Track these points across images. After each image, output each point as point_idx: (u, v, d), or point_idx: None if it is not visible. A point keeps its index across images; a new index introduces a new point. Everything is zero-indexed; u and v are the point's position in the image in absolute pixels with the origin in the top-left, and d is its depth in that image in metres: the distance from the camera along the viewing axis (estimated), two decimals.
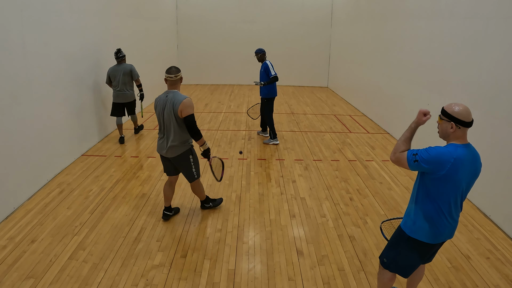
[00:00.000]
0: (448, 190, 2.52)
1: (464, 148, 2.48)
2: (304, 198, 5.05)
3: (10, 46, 4.51)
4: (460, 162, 2.45)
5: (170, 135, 3.97)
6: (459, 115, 2.45)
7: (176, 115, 3.89)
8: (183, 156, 4.09)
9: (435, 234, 2.63)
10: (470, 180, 2.56)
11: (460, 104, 2.50)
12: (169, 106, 3.90)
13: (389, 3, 8.26)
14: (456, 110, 2.47)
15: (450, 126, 2.48)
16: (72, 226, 4.24)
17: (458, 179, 2.48)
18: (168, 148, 4.00)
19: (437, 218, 2.59)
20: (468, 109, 2.49)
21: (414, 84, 6.89)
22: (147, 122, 8.75)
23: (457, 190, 2.53)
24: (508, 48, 4.37)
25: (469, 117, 2.46)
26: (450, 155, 2.44)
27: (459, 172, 2.46)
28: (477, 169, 2.56)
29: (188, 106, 3.87)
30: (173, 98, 3.90)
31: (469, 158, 2.49)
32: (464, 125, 2.46)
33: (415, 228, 2.66)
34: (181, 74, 4.04)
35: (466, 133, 2.50)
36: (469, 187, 2.60)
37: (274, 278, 3.48)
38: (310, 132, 8.20)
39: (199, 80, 14.66)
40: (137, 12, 9.57)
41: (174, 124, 3.93)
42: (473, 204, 4.95)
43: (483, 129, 4.81)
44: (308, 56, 14.45)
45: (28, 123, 4.84)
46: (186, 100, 3.88)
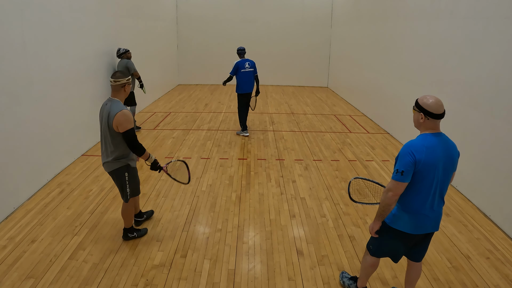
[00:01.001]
0: (426, 180, 2.61)
1: (434, 137, 2.59)
2: (304, 198, 5.05)
3: (10, 46, 4.51)
4: (432, 149, 2.56)
5: (107, 148, 3.60)
6: (429, 107, 2.57)
7: (111, 129, 3.45)
8: (117, 172, 3.67)
9: (415, 225, 2.71)
10: (446, 169, 2.63)
11: (433, 97, 2.60)
12: (105, 117, 3.48)
13: (389, 3, 8.26)
14: (426, 102, 2.59)
15: (421, 116, 2.61)
16: (72, 226, 4.24)
17: (432, 167, 2.57)
18: (104, 163, 3.67)
19: (416, 208, 2.68)
20: (440, 102, 2.59)
21: (414, 84, 6.89)
22: (147, 122, 8.75)
23: (433, 179, 2.61)
24: (508, 48, 4.37)
25: (439, 110, 2.56)
26: (421, 143, 2.57)
27: (432, 159, 2.56)
28: (452, 157, 2.63)
29: (124, 121, 3.41)
30: (110, 108, 3.45)
31: (441, 146, 2.59)
32: (433, 117, 2.57)
33: (394, 218, 2.77)
34: (124, 81, 3.52)
35: (437, 123, 2.60)
36: (447, 176, 2.67)
37: (274, 278, 3.48)
38: (310, 132, 8.20)
39: (199, 80, 14.66)
40: (137, 12, 9.57)
41: (110, 137, 3.51)
42: (473, 204, 4.95)
43: (483, 129, 4.81)
44: (308, 56, 14.45)
45: (28, 123, 4.84)
46: (120, 114, 3.39)
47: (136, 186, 3.86)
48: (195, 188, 5.28)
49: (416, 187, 2.63)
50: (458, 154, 2.68)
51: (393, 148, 7.14)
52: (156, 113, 9.66)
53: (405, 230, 2.74)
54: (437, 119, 2.58)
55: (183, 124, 8.65)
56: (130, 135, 3.45)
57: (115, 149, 3.56)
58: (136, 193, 3.89)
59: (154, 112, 9.76)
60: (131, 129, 3.45)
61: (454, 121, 5.50)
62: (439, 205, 2.72)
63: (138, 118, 8.94)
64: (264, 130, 8.25)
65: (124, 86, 3.54)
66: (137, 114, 9.33)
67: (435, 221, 2.74)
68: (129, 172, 3.73)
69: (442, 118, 2.59)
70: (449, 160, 2.62)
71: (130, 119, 3.46)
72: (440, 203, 2.72)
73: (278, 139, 7.64)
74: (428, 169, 2.57)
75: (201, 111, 9.98)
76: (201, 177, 5.64)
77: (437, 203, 2.70)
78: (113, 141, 3.52)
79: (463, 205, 4.93)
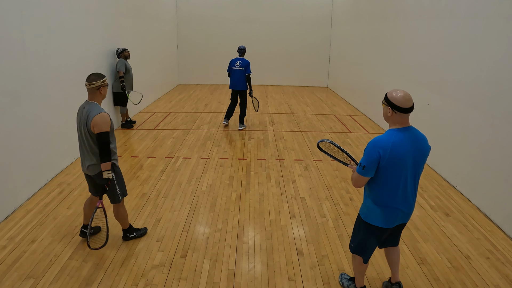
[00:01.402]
0: (393, 174, 2.65)
1: (402, 132, 2.62)
2: (304, 198, 5.05)
3: (10, 46, 4.51)
4: (398, 145, 2.59)
5: (88, 152, 3.54)
6: (396, 101, 2.58)
7: (90, 131, 3.42)
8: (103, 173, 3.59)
9: (387, 218, 2.77)
10: (416, 163, 2.67)
11: (401, 91, 2.62)
12: (83, 120, 3.44)
13: (389, 3, 8.26)
14: (394, 96, 2.61)
15: (389, 110, 2.64)
16: (72, 226, 4.24)
17: (400, 161, 2.61)
18: (88, 166, 3.58)
19: (386, 202, 2.73)
20: (408, 96, 2.60)
21: (414, 84, 6.88)
22: (146, 122, 8.75)
23: (403, 173, 2.65)
24: (508, 48, 4.37)
25: (407, 104, 2.57)
26: (387, 140, 2.60)
27: (399, 155, 2.59)
28: (422, 150, 2.67)
29: (101, 123, 3.36)
30: (88, 111, 3.41)
31: (409, 140, 2.62)
32: (401, 111, 2.58)
33: (368, 212, 2.84)
34: (99, 83, 3.45)
35: (405, 117, 2.62)
36: (418, 169, 2.71)
37: (274, 278, 3.48)
38: (310, 132, 8.20)
39: (199, 80, 14.66)
40: (137, 12, 9.57)
41: (89, 141, 3.47)
42: (473, 204, 4.95)
43: (483, 129, 4.81)
44: (308, 56, 14.45)
45: (28, 123, 4.84)
46: (98, 116, 3.37)
47: (124, 185, 3.81)
48: (195, 188, 5.28)
49: (385, 182, 2.69)
50: (428, 147, 2.72)
51: None
52: (156, 113, 9.66)
53: (378, 224, 2.81)
54: (404, 113, 2.59)
55: (183, 124, 8.65)
56: (104, 138, 3.39)
57: (97, 151, 3.51)
58: (125, 193, 3.83)
59: (154, 112, 9.76)
60: (106, 132, 3.40)
61: (454, 121, 5.51)
62: (411, 198, 2.77)
63: (138, 118, 8.95)
64: (264, 130, 8.25)
65: (99, 89, 3.47)
66: (137, 114, 9.34)
67: (407, 213, 2.82)
68: (115, 171, 3.69)
69: (411, 112, 2.61)
70: (419, 154, 2.66)
71: (107, 122, 3.42)
72: (412, 196, 2.77)
73: (278, 139, 7.64)
74: (395, 165, 2.61)
75: (201, 111, 9.98)
76: (201, 177, 5.64)
77: (409, 196, 2.75)
78: (94, 143, 3.48)
79: (463, 205, 4.93)
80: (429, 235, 4.21)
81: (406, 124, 2.64)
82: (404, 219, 2.85)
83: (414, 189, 2.77)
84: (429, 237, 4.16)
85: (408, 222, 4.44)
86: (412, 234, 4.23)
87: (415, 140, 2.64)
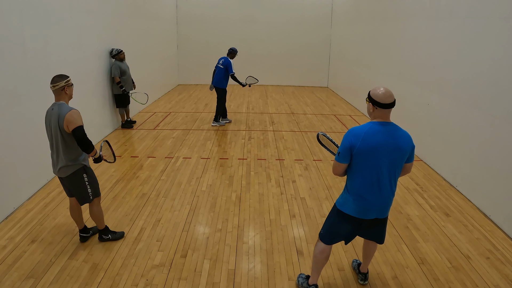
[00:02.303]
0: (366, 164, 2.75)
1: (379, 125, 2.73)
2: (304, 198, 5.05)
3: (10, 46, 4.51)
4: (371, 136, 2.70)
5: (59, 153, 3.54)
6: (377, 97, 2.72)
7: (62, 131, 3.43)
8: (75, 175, 3.62)
9: (359, 208, 2.85)
10: (392, 158, 2.73)
11: (383, 88, 2.75)
12: (54, 121, 3.43)
13: (389, 3, 8.26)
14: (375, 93, 2.74)
15: (370, 106, 2.78)
16: (72, 226, 4.24)
17: (372, 152, 2.70)
18: (59, 168, 3.59)
19: (359, 192, 2.82)
20: (388, 93, 2.72)
21: (414, 84, 6.89)
22: (146, 122, 8.75)
23: (375, 164, 2.73)
24: (508, 48, 4.37)
25: (386, 100, 2.70)
26: (362, 129, 2.74)
27: (371, 145, 2.69)
28: (398, 147, 2.73)
29: (74, 119, 3.39)
30: (58, 111, 3.42)
31: (386, 133, 2.71)
32: (381, 106, 2.71)
33: (342, 201, 2.95)
34: (63, 84, 3.44)
35: (385, 113, 2.74)
36: (395, 166, 2.77)
37: (274, 278, 3.48)
38: (310, 132, 8.20)
39: (199, 80, 14.66)
40: (137, 12, 9.57)
41: (61, 141, 3.47)
42: (473, 204, 4.95)
43: (483, 129, 4.81)
44: (308, 56, 14.45)
45: (28, 123, 4.84)
46: (70, 113, 3.38)
47: (96, 185, 3.79)
48: (195, 188, 5.28)
49: (358, 171, 2.80)
50: (409, 145, 2.77)
51: None
52: (156, 113, 9.66)
53: (351, 213, 2.90)
54: (384, 108, 2.71)
55: (183, 124, 8.65)
56: (80, 132, 3.41)
57: (68, 152, 3.52)
58: (98, 193, 3.82)
59: (154, 112, 9.76)
60: (80, 126, 3.41)
61: (454, 121, 5.51)
62: (385, 193, 2.82)
63: (138, 118, 8.95)
64: (264, 130, 8.25)
65: (64, 89, 3.46)
66: (137, 114, 9.34)
67: (380, 208, 2.86)
68: (87, 172, 3.69)
69: (391, 108, 2.72)
70: (394, 150, 2.71)
71: (79, 117, 3.44)
72: (386, 191, 2.81)
73: (278, 139, 7.64)
74: (367, 154, 2.71)
75: (201, 111, 9.98)
76: (201, 177, 5.64)
77: (383, 190, 2.80)
78: (65, 144, 3.49)
79: (463, 205, 4.93)
80: (429, 235, 4.21)
81: (386, 119, 2.76)
82: (379, 214, 2.90)
83: (389, 184, 2.81)
84: (429, 237, 4.16)
85: (408, 222, 4.45)
86: (412, 234, 4.23)
87: (393, 136, 2.72)
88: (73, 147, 3.54)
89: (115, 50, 7.69)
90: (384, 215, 2.94)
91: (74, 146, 3.53)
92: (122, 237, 4.04)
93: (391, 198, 2.88)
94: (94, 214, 3.86)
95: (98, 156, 3.71)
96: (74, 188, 3.70)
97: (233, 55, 8.46)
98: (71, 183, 3.67)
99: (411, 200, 5.05)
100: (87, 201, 3.76)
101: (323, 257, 3.12)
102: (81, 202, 3.78)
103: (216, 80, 8.41)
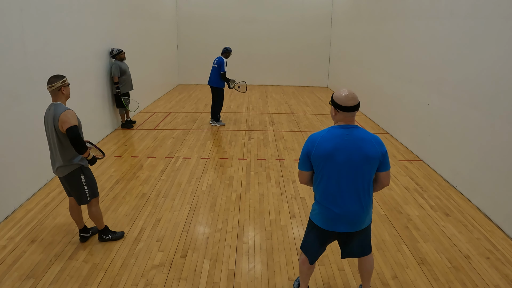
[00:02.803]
0: (324, 170, 2.59)
1: (339, 129, 2.57)
2: (304, 198, 5.05)
3: (10, 46, 4.51)
4: (327, 140, 2.54)
5: (56, 153, 3.57)
6: (338, 99, 2.56)
7: (58, 131, 3.45)
8: (72, 175, 3.63)
9: (325, 219, 2.69)
10: (355, 163, 2.52)
11: (346, 90, 2.59)
12: (50, 122, 3.47)
13: (389, 3, 8.26)
14: (337, 95, 2.58)
15: (332, 109, 2.63)
16: (72, 226, 4.24)
17: (328, 157, 2.53)
18: (57, 168, 3.61)
19: (322, 201, 2.67)
20: (351, 95, 2.55)
21: (414, 84, 6.89)
22: (146, 122, 8.75)
23: (334, 172, 2.55)
24: (508, 48, 4.37)
25: (348, 103, 2.53)
26: (319, 134, 2.60)
27: (327, 149, 2.53)
28: (363, 151, 2.51)
29: (68, 119, 3.39)
30: (53, 112, 3.44)
31: (346, 137, 2.53)
32: (342, 109, 2.55)
33: (312, 210, 2.82)
34: (59, 84, 3.45)
35: (347, 116, 2.56)
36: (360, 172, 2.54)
37: (274, 278, 3.48)
38: (310, 132, 8.20)
39: (199, 80, 14.65)
40: (137, 12, 9.57)
41: (57, 141, 3.50)
42: (473, 204, 4.95)
43: (483, 129, 4.81)
44: (308, 56, 14.45)
45: (28, 123, 4.84)
46: (64, 114, 3.39)
47: (94, 186, 3.80)
48: (195, 188, 5.28)
49: (320, 180, 2.64)
50: (376, 150, 2.54)
51: (393, 148, 7.13)
52: (156, 113, 9.66)
53: (317, 222, 2.75)
54: (346, 111, 2.54)
55: (183, 124, 8.65)
56: (74, 132, 3.39)
57: (65, 152, 3.53)
58: (96, 194, 3.82)
59: (154, 112, 9.76)
60: (74, 126, 3.41)
61: (454, 121, 5.51)
62: (351, 205, 2.60)
63: (138, 118, 8.95)
64: (264, 130, 8.25)
65: (60, 89, 3.47)
66: (137, 115, 9.33)
67: (349, 221, 2.64)
68: (85, 173, 3.70)
69: (354, 111, 2.54)
70: (358, 154, 2.51)
71: (73, 117, 3.44)
72: (352, 203, 2.60)
73: (278, 139, 7.64)
74: (323, 160, 2.55)
75: (201, 111, 9.98)
76: (201, 177, 5.64)
77: (348, 202, 2.59)
78: (61, 144, 3.50)
79: (463, 205, 4.93)
80: (429, 235, 4.21)
81: (348, 123, 2.58)
82: (350, 228, 2.66)
83: (356, 196, 2.59)
84: (429, 237, 4.16)
85: (408, 222, 4.44)
86: (412, 234, 4.23)
87: (354, 140, 2.52)
88: (69, 148, 3.54)
89: (115, 50, 7.68)
90: (356, 229, 2.70)
91: (70, 146, 3.53)
92: (122, 237, 4.04)
93: (362, 211, 2.64)
94: (92, 214, 3.86)
95: (91, 158, 3.68)
96: (71, 188, 3.71)
97: (228, 55, 8.47)
98: (68, 183, 3.69)
99: (411, 200, 5.05)
100: (84, 202, 3.76)
101: (305, 267, 3.00)
102: (79, 202, 3.79)
103: (212, 80, 8.51)
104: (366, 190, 2.62)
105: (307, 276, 3.06)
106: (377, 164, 2.59)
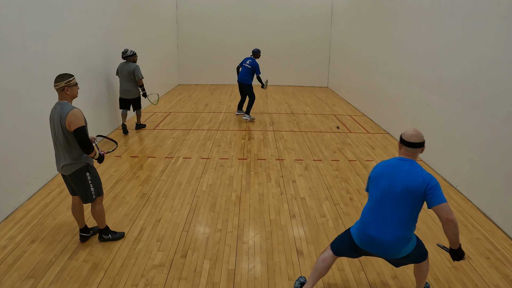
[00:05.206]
0: (371, 194, 2.88)
1: (397, 159, 2.84)
2: (304, 198, 5.06)
3: (10, 46, 4.50)
4: (383, 166, 2.86)
5: (62, 152, 3.58)
6: (404, 135, 2.84)
7: (65, 130, 3.47)
8: (78, 173, 3.64)
9: (360, 237, 2.88)
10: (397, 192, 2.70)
11: (413, 130, 2.84)
12: (57, 120, 3.49)
13: (389, 3, 8.26)
14: (405, 132, 2.86)
15: (398, 144, 2.91)
16: (72, 226, 4.24)
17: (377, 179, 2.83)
18: (62, 166, 3.62)
19: (363, 221, 2.87)
20: (416, 134, 2.80)
21: (414, 84, 6.89)
22: (147, 122, 8.74)
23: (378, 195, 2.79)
24: (507, 48, 4.37)
25: (411, 139, 2.79)
26: (383, 162, 2.91)
27: (376, 174, 2.85)
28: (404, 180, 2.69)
29: (76, 119, 3.43)
30: (60, 111, 3.47)
31: (396, 167, 2.79)
32: (405, 144, 2.82)
33: (355, 223, 3.01)
34: (63, 84, 3.47)
35: (409, 152, 2.81)
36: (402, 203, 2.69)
37: (274, 278, 3.48)
38: (310, 132, 8.20)
39: (199, 80, 14.66)
40: (137, 12, 9.57)
41: (63, 140, 3.51)
42: (473, 204, 4.95)
43: (483, 129, 4.81)
44: (308, 56, 14.45)
45: (28, 123, 4.84)
46: (72, 112, 3.43)
47: (99, 184, 3.82)
48: (195, 188, 5.28)
49: (369, 200, 2.90)
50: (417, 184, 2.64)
51: (393, 148, 7.14)
52: (156, 113, 9.66)
53: (354, 238, 2.94)
54: (408, 147, 2.79)
55: (183, 124, 8.65)
56: (82, 132, 3.46)
57: (71, 150, 3.55)
58: (100, 192, 3.84)
59: (154, 112, 9.76)
60: (82, 126, 3.46)
61: (454, 121, 5.51)
62: (387, 233, 2.72)
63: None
64: (264, 130, 8.25)
65: (64, 89, 3.49)
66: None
67: (380, 248, 2.78)
68: (90, 171, 3.72)
69: (415, 148, 2.78)
70: (399, 184, 2.70)
71: (81, 117, 3.48)
72: (388, 231, 2.72)
73: (278, 139, 7.64)
74: (371, 181, 2.89)
75: (201, 111, 9.98)
76: (201, 177, 5.64)
77: (385, 228, 2.72)
78: (67, 142, 3.52)
79: (463, 205, 4.94)
80: (429, 235, 4.21)
81: (407, 156, 2.82)
82: (386, 254, 2.81)
83: (394, 224, 2.70)
84: (429, 237, 4.16)
85: None
86: None
87: (402, 170, 2.74)
88: (75, 146, 3.57)
89: (130, 51, 7.43)
90: (392, 257, 2.84)
91: (76, 144, 3.56)
92: (122, 237, 4.05)
93: (397, 243, 2.72)
94: (95, 213, 3.87)
95: (98, 156, 3.75)
96: (77, 186, 3.72)
97: (259, 55, 9.21)
98: (74, 182, 3.70)
99: None
100: (90, 200, 3.77)
101: (324, 266, 3.06)
102: (84, 201, 3.79)
103: (242, 78, 9.12)
104: (406, 222, 2.73)
105: (320, 276, 3.11)
106: (419, 198, 2.68)
